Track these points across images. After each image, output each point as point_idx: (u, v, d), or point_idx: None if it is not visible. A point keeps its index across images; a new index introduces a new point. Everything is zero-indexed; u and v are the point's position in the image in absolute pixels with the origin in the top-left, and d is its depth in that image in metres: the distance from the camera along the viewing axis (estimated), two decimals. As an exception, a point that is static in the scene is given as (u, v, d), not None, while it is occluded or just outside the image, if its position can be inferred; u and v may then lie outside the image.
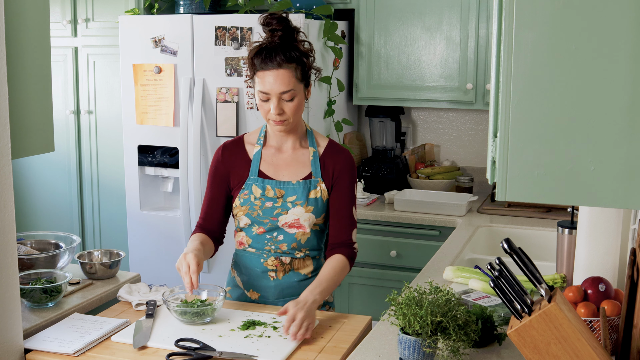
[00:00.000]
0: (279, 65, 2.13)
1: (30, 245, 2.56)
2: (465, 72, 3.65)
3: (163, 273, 3.66)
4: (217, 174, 2.33)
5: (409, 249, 3.48)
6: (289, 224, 2.25)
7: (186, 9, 3.70)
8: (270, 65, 2.13)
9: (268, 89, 2.14)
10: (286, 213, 2.24)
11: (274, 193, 2.25)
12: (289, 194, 2.25)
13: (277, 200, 2.25)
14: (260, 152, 2.30)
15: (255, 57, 2.16)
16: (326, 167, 2.29)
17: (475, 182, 3.99)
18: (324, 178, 2.28)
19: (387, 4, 3.73)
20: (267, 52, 2.14)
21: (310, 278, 2.31)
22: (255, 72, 2.17)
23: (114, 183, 4.01)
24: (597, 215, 1.99)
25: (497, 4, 1.32)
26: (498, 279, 1.53)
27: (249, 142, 2.34)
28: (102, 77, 3.97)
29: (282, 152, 2.30)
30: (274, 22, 2.17)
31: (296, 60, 2.16)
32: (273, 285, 2.31)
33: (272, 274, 2.30)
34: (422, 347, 1.67)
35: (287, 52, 2.14)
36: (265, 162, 2.30)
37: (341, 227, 2.29)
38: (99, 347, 1.97)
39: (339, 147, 2.35)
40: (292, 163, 2.29)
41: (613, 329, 1.71)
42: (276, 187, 2.25)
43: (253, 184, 2.27)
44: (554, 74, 1.22)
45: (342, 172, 2.29)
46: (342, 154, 2.32)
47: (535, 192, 1.27)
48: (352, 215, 2.31)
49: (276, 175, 2.28)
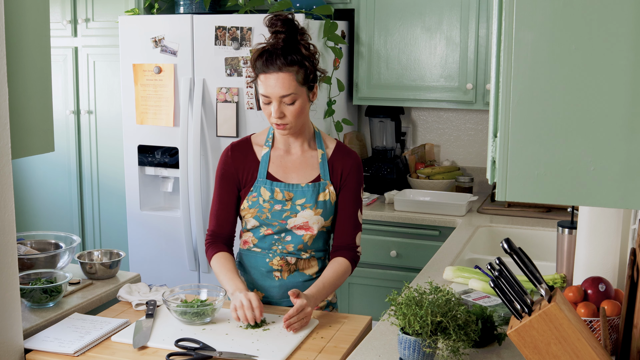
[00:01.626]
0: (279, 68, 2.11)
1: (30, 245, 2.56)
2: (465, 72, 3.65)
3: (163, 273, 3.66)
4: (226, 176, 2.29)
5: (409, 249, 3.48)
6: (297, 227, 2.24)
7: (186, 9, 3.70)
8: (271, 69, 2.12)
9: (269, 92, 2.14)
10: (295, 216, 2.23)
11: (282, 196, 2.23)
12: (298, 196, 2.24)
13: (286, 203, 2.23)
14: (269, 154, 2.28)
15: (258, 59, 2.15)
16: (335, 170, 2.28)
17: (475, 182, 3.99)
18: (332, 180, 2.27)
19: (387, 4, 3.73)
20: (268, 55, 2.13)
21: (315, 278, 2.30)
22: (258, 74, 2.17)
23: (114, 183, 4.01)
24: (597, 215, 1.99)
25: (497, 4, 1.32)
26: (498, 279, 1.53)
27: (256, 144, 2.31)
28: (102, 77, 3.97)
29: (291, 154, 2.29)
30: (279, 24, 2.15)
31: (298, 64, 2.13)
32: (278, 285, 2.30)
33: (277, 274, 2.29)
34: (422, 347, 1.67)
35: (288, 55, 2.12)
36: (274, 164, 2.28)
37: (346, 231, 2.29)
38: (99, 347, 1.97)
39: (348, 149, 2.33)
40: (300, 165, 2.27)
41: (613, 329, 1.71)
42: (285, 189, 2.24)
43: (262, 186, 2.25)
44: (554, 74, 1.22)
45: (350, 175, 2.28)
46: (350, 157, 2.30)
47: (535, 192, 1.27)
48: (357, 219, 2.30)
49: (285, 177, 2.26)
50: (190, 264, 3.61)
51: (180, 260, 3.64)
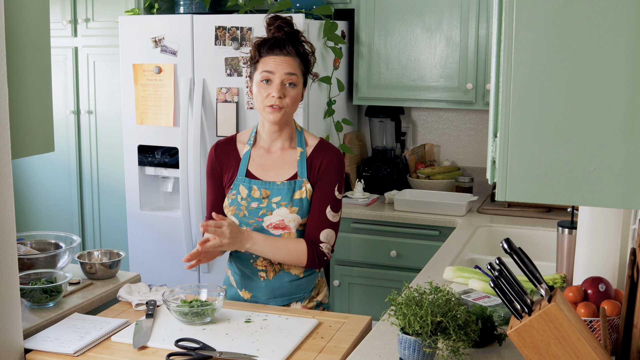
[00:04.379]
0: (287, 52, 2.18)
1: (30, 245, 2.56)
2: (465, 72, 3.65)
3: (163, 273, 3.66)
4: (213, 174, 2.34)
5: (409, 249, 3.48)
6: (273, 225, 2.24)
7: (186, 9, 3.70)
8: (277, 52, 2.18)
9: (273, 68, 2.17)
10: (271, 214, 2.24)
11: (259, 193, 2.25)
12: (274, 194, 2.25)
13: (263, 200, 2.25)
14: (250, 152, 2.31)
15: (262, 45, 2.20)
16: (313, 166, 2.28)
17: (475, 182, 3.99)
18: (310, 177, 2.27)
19: (387, 4, 3.73)
20: (275, 40, 2.19)
21: (302, 278, 2.31)
22: (260, 58, 2.20)
23: (114, 183, 4.01)
24: (597, 215, 1.99)
25: (497, 4, 1.32)
26: (498, 279, 1.53)
27: (240, 141, 2.35)
28: (102, 77, 3.97)
29: (271, 152, 2.30)
30: (280, 20, 2.22)
31: (301, 56, 2.22)
32: (264, 285, 2.30)
33: (262, 274, 2.30)
34: (422, 347, 1.67)
35: (294, 45, 2.20)
36: (254, 162, 2.30)
37: (311, 224, 2.25)
38: (99, 347, 1.97)
39: (329, 145, 2.32)
40: (279, 164, 2.29)
41: (613, 329, 1.71)
42: (262, 187, 2.25)
43: (240, 184, 2.27)
44: (554, 74, 1.22)
45: (324, 171, 2.26)
46: (329, 152, 2.29)
47: (535, 192, 1.27)
48: (324, 215, 2.25)
49: (263, 175, 2.28)
50: (190, 264, 3.61)
51: (180, 260, 3.62)
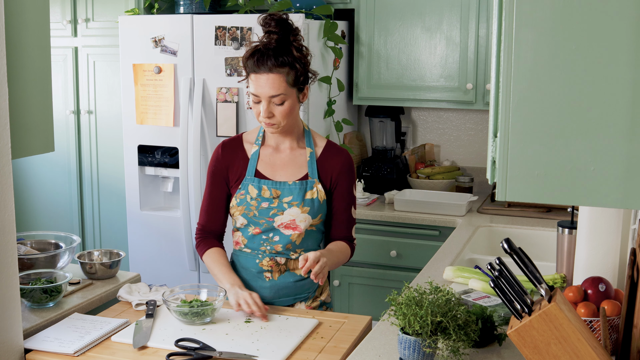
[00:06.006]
0: (270, 69, 2.14)
1: (30, 245, 2.56)
2: (465, 72, 3.65)
3: (163, 273, 3.66)
4: (216, 173, 2.33)
5: (409, 249, 3.48)
6: (284, 225, 2.25)
7: (186, 9, 3.70)
8: (262, 69, 2.14)
9: (259, 92, 2.16)
10: (282, 214, 2.24)
11: (270, 193, 2.25)
12: (285, 194, 2.25)
13: (273, 200, 2.25)
14: (258, 152, 2.31)
15: (249, 59, 2.17)
16: (324, 169, 2.29)
17: (475, 182, 3.99)
18: (321, 179, 2.28)
19: (387, 4, 3.73)
20: (260, 55, 2.15)
21: (306, 279, 2.31)
22: (249, 74, 2.19)
23: (114, 183, 4.01)
24: (597, 215, 1.99)
25: (497, 4, 1.32)
26: (498, 279, 1.53)
27: (247, 141, 2.34)
28: (102, 77, 3.97)
29: (280, 152, 2.31)
30: (272, 24, 2.17)
31: (289, 65, 2.15)
32: (269, 285, 2.30)
33: (267, 275, 2.30)
34: (422, 347, 1.67)
35: (279, 56, 2.14)
36: (263, 162, 2.30)
37: (341, 225, 2.35)
38: (99, 347, 1.97)
39: (338, 147, 2.35)
40: (289, 163, 2.29)
41: (613, 329, 1.71)
42: (272, 187, 2.25)
43: (249, 184, 2.27)
44: (554, 73, 1.22)
45: (341, 175, 2.30)
46: (340, 156, 2.32)
47: (535, 192, 1.27)
48: (350, 214, 2.36)
49: (273, 175, 2.28)
50: (190, 264, 3.61)
51: (180, 260, 3.64)
